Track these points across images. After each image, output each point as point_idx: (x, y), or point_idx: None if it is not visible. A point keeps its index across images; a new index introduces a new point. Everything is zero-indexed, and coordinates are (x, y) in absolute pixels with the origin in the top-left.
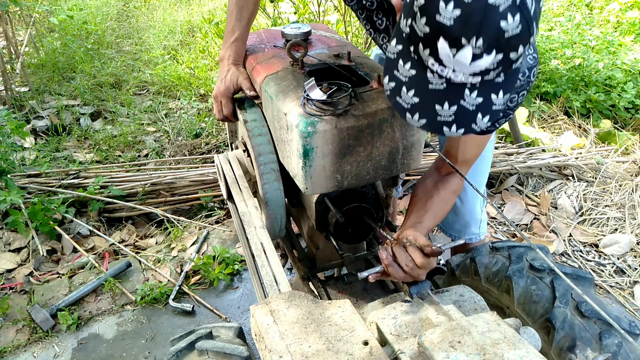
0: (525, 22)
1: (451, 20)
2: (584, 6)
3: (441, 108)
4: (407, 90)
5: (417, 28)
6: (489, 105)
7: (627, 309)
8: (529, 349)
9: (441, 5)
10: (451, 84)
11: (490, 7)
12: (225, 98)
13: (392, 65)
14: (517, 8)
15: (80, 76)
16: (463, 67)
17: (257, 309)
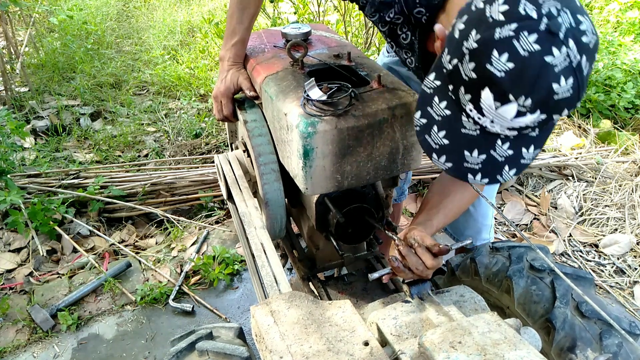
0: (577, 87)
1: (502, 72)
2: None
3: (470, 155)
4: (439, 130)
5: (463, 71)
6: (519, 159)
7: (627, 309)
8: (529, 350)
9: (494, 54)
10: (485, 132)
11: (547, 66)
12: (226, 98)
13: (426, 100)
14: (572, 71)
15: (80, 76)
16: (503, 121)
17: (258, 309)
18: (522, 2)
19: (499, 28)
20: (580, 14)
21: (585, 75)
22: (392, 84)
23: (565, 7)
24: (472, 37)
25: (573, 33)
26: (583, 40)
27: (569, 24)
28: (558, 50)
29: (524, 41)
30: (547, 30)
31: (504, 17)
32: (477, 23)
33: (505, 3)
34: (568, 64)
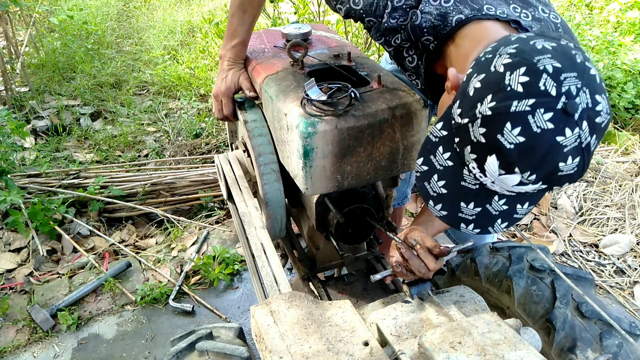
0: (582, 165)
1: (512, 145)
2: (584, 6)
3: (466, 206)
4: (439, 179)
5: (472, 132)
6: (512, 214)
7: (627, 309)
8: (529, 350)
9: (507, 126)
10: (484, 188)
11: (557, 145)
12: (226, 98)
13: (430, 148)
14: (580, 151)
15: (80, 76)
16: (504, 185)
17: (258, 309)
18: (544, 77)
19: (517, 101)
20: (598, 94)
21: (592, 152)
22: (392, 84)
23: (585, 87)
24: (487, 102)
25: (588, 114)
26: (596, 121)
27: (586, 104)
28: (570, 131)
29: (539, 118)
30: (564, 110)
31: (522, 90)
32: (495, 88)
33: (526, 74)
34: (577, 144)
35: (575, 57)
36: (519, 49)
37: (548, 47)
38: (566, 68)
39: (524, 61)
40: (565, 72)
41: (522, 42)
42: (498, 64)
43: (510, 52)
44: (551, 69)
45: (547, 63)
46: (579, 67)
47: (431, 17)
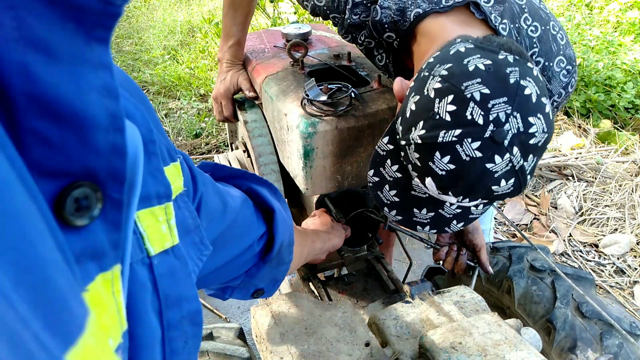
0: (518, 184)
1: (443, 171)
2: (584, 6)
3: (419, 212)
4: (390, 189)
5: (409, 154)
6: (467, 215)
7: (627, 309)
8: (530, 350)
9: (437, 155)
10: (433, 198)
11: (487, 171)
12: (226, 99)
13: (379, 161)
14: (514, 173)
15: None
16: (447, 201)
17: (258, 310)
18: (471, 105)
19: (444, 131)
20: (532, 115)
21: (530, 170)
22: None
23: (515, 111)
24: (419, 129)
25: (520, 139)
26: (530, 143)
27: (516, 129)
28: (500, 158)
29: (467, 147)
30: (491, 139)
31: (450, 119)
32: (425, 115)
33: (453, 102)
34: (510, 168)
35: (509, 76)
36: (450, 71)
37: (481, 67)
38: (495, 93)
39: (452, 88)
40: (494, 97)
41: (456, 61)
42: (430, 87)
43: (442, 74)
44: (479, 97)
45: (474, 90)
46: (511, 90)
47: (390, 12)
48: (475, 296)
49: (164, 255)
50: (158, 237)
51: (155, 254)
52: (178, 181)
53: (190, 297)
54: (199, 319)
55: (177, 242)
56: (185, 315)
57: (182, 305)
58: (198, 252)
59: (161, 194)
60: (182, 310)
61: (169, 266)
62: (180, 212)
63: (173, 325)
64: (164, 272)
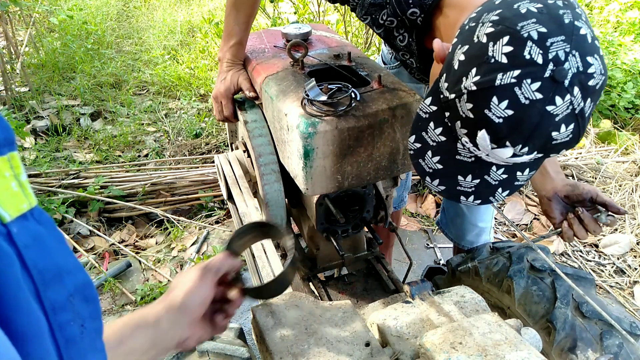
0: (578, 131)
1: (501, 119)
2: (584, 6)
3: (463, 179)
4: (433, 155)
5: (460, 107)
6: (513, 182)
7: (627, 309)
8: (530, 350)
9: (494, 100)
10: (480, 161)
11: (547, 115)
12: (226, 99)
13: (421, 125)
14: (574, 117)
15: (80, 76)
16: (499, 157)
17: (258, 310)
18: (528, 45)
19: (501, 74)
20: (590, 55)
21: (588, 116)
22: (393, 84)
23: (574, 50)
24: (472, 77)
25: (579, 79)
26: (589, 84)
27: (576, 68)
28: (561, 99)
29: (526, 89)
30: (552, 78)
31: (507, 60)
32: (478, 61)
33: (509, 43)
34: (570, 111)
35: (564, 17)
36: (501, 16)
37: (533, 10)
38: (552, 32)
39: (506, 29)
40: (552, 36)
41: (505, 6)
42: (481, 33)
43: (493, 19)
44: (536, 35)
45: (531, 29)
46: (567, 29)
47: None
48: (475, 296)
49: (23, 220)
50: (10, 198)
51: (12, 219)
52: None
53: (72, 268)
54: (92, 294)
55: (35, 203)
56: (72, 292)
57: (64, 279)
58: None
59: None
60: (66, 285)
61: (33, 233)
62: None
63: (59, 306)
64: (29, 242)
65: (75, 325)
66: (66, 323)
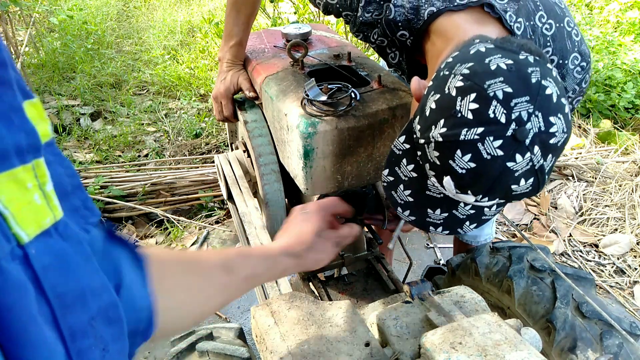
0: (537, 184)
1: (464, 170)
2: (584, 6)
3: (432, 212)
4: (404, 188)
5: (428, 153)
6: (480, 216)
7: (627, 309)
8: (530, 350)
9: (458, 153)
10: (448, 198)
11: (507, 170)
12: (226, 99)
13: (395, 161)
14: (533, 173)
15: (80, 76)
16: (464, 200)
17: (258, 310)
18: (493, 104)
19: (466, 129)
20: (553, 115)
21: (548, 171)
22: (393, 84)
23: (537, 110)
24: (440, 127)
25: (540, 138)
26: (550, 143)
27: (538, 128)
28: (521, 156)
29: (489, 145)
30: (513, 137)
31: (472, 116)
32: (446, 114)
33: (476, 100)
34: (530, 167)
35: (531, 76)
36: (472, 71)
37: (503, 66)
38: (518, 92)
39: (475, 86)
40: (517, 97)
41: (477, 60)
42: (452, 85)
43: (464, 73)
44: (501, 95)
45: (497, 88)
46: (533, 90)
47: (404, 10)
48: (475, 296)
49: (45, 238)
50: (30, 213)
51: (31, 239)
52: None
53: (97, 288)
54: (116, 315)
55: (60, 215)
56: (95, 314)
57: (87, 301)
58: (82, 220)
59: (23, 146)
60: (89, 308)
61: (56, 252)
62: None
63: (78, 332)
64: (49, 263)
65: (97, 350)
66: (86, 349)
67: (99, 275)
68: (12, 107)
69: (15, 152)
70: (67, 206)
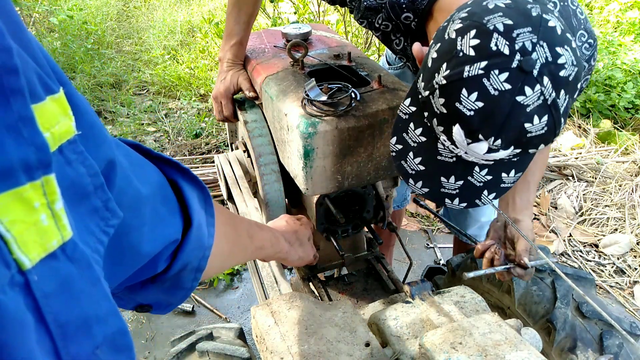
0: (552, 124)
1: (472, 111)
2: (584, 6)
3: (446, 180)
4: (414, 156)
5: (434, 104)
6: (499, 183)
7: (627, 309)
8: (530, 350)
9: (464, 92)
10: (462, 160)
11: (517, 105)
12: (225, 99)
13: (402, 126)
14: (547, 109)
15: (80, 76)
16: (476, 154)
17: (258, 310)
18: (494, 36)
19: (469, 65)
20: (559, 46)
21: (564, 110)
22: (393, 84)
23: (542, 40)
24: (442, 72)
25: (549, 69)
26: (560, 75)
27: (544, 59)
28: (531, 89)
29: (494, 80)
30: (519, 68)
31: (474, 53)
32: (448, 56)
33: (476, 36)
34: (542, 102)
35: (531, 10)
36: (470, 12)
37: (500, 4)
38: (519, 24)
39: (473, 24)
40: (518, 28)
41: (475, 4)
42: (451, 30)
43: (462, 16)
44: (502, 27)
45: (497, 22)
46: (534, 21)
47: None
48: (475, 296)
49: (50, 261)
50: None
51: (34, 264)
52: (65, 122)
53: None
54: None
55: (69, 235)
56: (100, 343)
57: (93, 329)
58: (102, 222)
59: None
60: (94, 336)
61: (60, 277)
62: (72, 168)
63: None
64: (52, 290)
65: None
66: None
67: (107, 300)
68: (22, 117)
69: (22, 168)
70: (87, 208)
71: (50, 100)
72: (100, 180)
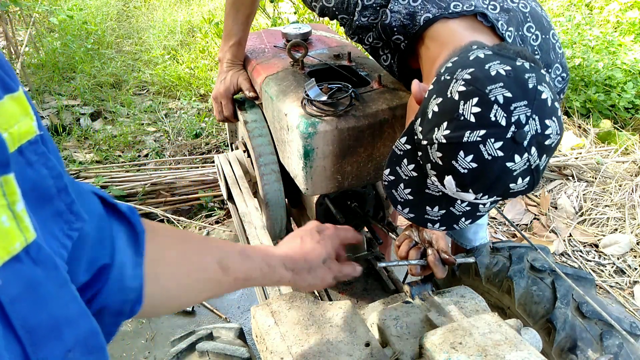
0: (533, 182)
1: (466, 169)
2: (584, 6)
3: (431, 209)
4: (405, 187)
5: (430, 153)
6: (475, 212)
7: (627, 309)
8: (530, 350)
9: (461, 154)
10: (447, 196)
11: (507, 170)
12: (226, 99)
13: (396, 160)
14: (530, 172)
15: (80, 76)
16: (462, 198)
17: (258, 310)
18: (495, 108)
19: (469, 131)
20: (548, 118)
21: (542, 169)
22: (393, 84)
23: (534, 114)
24: (443, 129)
25: (537, 140)
26: (545, 144)
27: (535, 130)
28: (520, 157)
29: (490, 147)
30: (512, 139)
31: (474, 120)
32: (450, 117)
33: (478, 104)
34: (527, 167)
35: (528, 82)
36: (473, 76)
37: (502, 72)
38: (517, 97)
39: (476, 91)
40: (516, 101)
41: (478, 65)
42: (454, 90)
43: (465, 78)
44: (502, 100)
45: (498, 93)
46: (530, 94)
47: (400, 16)
48: (475, 296)
49: (14, 264)
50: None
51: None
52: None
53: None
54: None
55: (32, 237)
56: (72, 346)
57: (63, 333)
58: (65, 225)
59: None
60: (64, 340)
61: (26, 280)
62: (33, 170)
63: None
64: (18, 293)
65: None
66: None
67: (76, 302)
68: None
69: None
70: (50, 211)
71: (8, 99)
72: (64, 183)
